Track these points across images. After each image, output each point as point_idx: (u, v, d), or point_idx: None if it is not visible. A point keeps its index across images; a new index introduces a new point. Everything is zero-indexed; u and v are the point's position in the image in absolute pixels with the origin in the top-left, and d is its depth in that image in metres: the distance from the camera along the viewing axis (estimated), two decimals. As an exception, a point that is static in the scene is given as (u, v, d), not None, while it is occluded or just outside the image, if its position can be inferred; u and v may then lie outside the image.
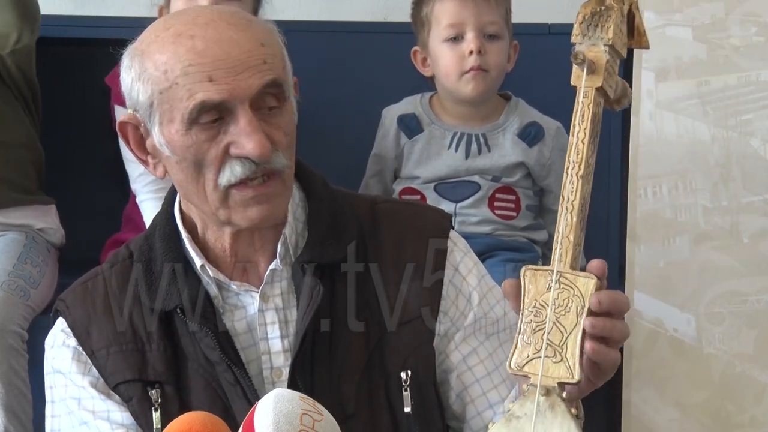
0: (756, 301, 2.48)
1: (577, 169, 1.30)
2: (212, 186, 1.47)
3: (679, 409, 2.49)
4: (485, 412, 1.57)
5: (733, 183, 2.49)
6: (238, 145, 1.45)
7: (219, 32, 1.44)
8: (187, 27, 1.45)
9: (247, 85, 1.44)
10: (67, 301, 1.57)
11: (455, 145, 2.53)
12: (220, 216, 1.49)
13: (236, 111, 1.44)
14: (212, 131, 1.45)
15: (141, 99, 1.47)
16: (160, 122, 1.47)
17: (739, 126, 2.50)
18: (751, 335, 2.48)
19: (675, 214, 2.50)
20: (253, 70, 1.44)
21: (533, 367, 1.28)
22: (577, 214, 1.29)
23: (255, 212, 1.48)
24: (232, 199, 1.48)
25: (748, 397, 2.48)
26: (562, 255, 1.29)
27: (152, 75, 1.45)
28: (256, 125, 1.44)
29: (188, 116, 1.44)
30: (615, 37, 1.30)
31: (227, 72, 1.43)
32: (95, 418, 1.52)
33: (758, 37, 2.48)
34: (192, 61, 1.43)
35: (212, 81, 1.43)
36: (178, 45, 1.44)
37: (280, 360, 1.53)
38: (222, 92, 1.43)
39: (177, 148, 1.47)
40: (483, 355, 1.58)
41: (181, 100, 1.44)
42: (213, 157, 1.46)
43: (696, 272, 2.48)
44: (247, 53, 1.44)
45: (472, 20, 2.46)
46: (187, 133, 1.45)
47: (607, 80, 1.31)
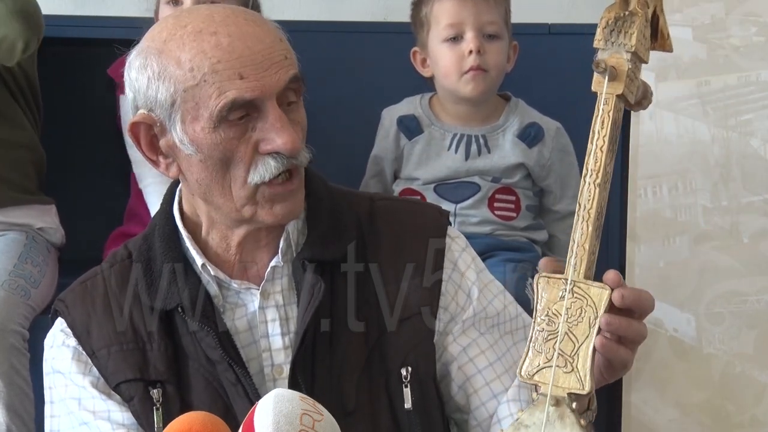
0: (756, 301, 2.48)
1: (594, 177, 1.28)
2: (240, 183, 1.47)
3: (679, 409, 2.49)
4: (489, 403, 1.57)
5: (733, 183, 2.49)
6: (268, 141, 1.45)
7: (240, 28, 1.44)
8: (206, 24, 1.45)
9: (274, 80, 1.44)
10: (67, 301, 1.56)
11: (455, 147, 2.53)
12: (245, 213, 1.49)
13: (264, 107, 1.44)
14: (240, 128, 1.45)
15: (160, 97, 1.46)
16: (183, 120, 1.46)
17: (739, 126, 2.50)
18: (751, 335, 2.49)
19: (675, 214, 2.50)
20: (278, 65, 1.44)
21: (544, 376, 1.27)
22: (593, 222, 1.28)
23: (280, 209, 1.49)
24: (260, 196, 1.48)
25: (748, 397, 2.48)
26: (577, 264, 1.28)
27: (175, 73, 1.44)
28: (286, 120, 1.45)
29: (217, 114, 1.43)
30: (638, 43, 1.28)
31: (255, 68, 1.43)
32: (96, 418, 1.51)
33: (758, 37, 2.49)
34: (220, 58, 1.42)
35: (243, 78, 1.42)
36: (202, 42, 1.43)
37: (280, 357, 1.53)
38: (254, 90, 1.43)
39: (203, 146, 1.46)
40: (484, 346, 1.58)
41: (210, 98, 1.43)
42: (242, 154, 1.46)
43: (696, 272, 2.49)
44: (270, 48, 1.44)
45: (472, 20, 2.46)
46: (214, 131, 1.45)
47: (629, 86, 1.29)
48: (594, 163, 1.28)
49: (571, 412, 1.26)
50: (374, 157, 2.62)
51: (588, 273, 1.29)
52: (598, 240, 1.30)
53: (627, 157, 2.59)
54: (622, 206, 2.63)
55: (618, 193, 2.68)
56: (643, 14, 1.28)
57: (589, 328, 1.27)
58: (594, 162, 1.28)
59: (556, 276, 1.29)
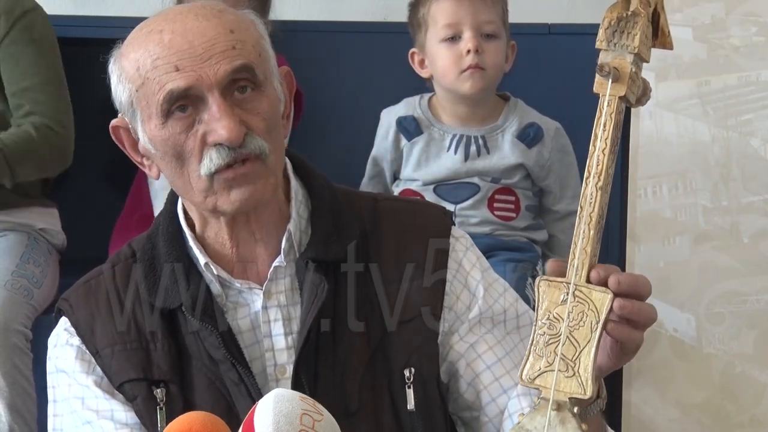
0: (756, 301, 2.48)
1: (596, 180, 1.27)
2: (196, 176, 1.47)
3: (679, 409, 2.49)
4: (500, 398, 1.56)
5: (733, 183, 2.50)
6: (212, 132, 1.45)
7: (185, 24, 1.45)
8: (157, 23, 1.47)
9: (213, 71, 1.44)
10: (70, 300, 1.56)
11: (454, 147, 2.53)
12: (208, 204, 1.49)
13: (207, 98, 1.45)
14: (187, 121, 1.46)
15: (123, 100, 1.49)
16: (142, 120, 1.48)
17: (739, 126, 2.51)
18: (751, 335, 2.49)
19: (675, 214, 2.50)
20: (220, 56, 1.44)
21: (545, 380, 1.27)
22: (595, 226, 1.27)
23: (236, 194, 1.48)
24: (216, 185, 1.47)
25: (748, 397, 2.48)
26: (578, 267, 1.27)
27: (129, 74, 1.47)
28: (226, 109, 1.44)
29: (161, 108, 1.45)
30: (641, 44, 1.27)
31: (193, 60, 1.44)
32: (99, 418, 1.51)
33: (758, 37, 2.49)
34: (159, 54, 1.44)
35: (178, 70, 1.43)
36: (148, 41, 1.46)
37: (283, 357, 1.53)
38: (188, 78, 1.43)
39: (158, 143, 1.48)
40: (492, 342, 1.58)
41: (153, 94, 1.45)
42: (191, 147, 1.46)
43: (696, 272, 2.49)
44: (211, 40, 1.45)
45: (469, 19, 2.47)
46: (163, 127, 1.46)
47: (631, 87, 1.28)
48: (596, 166, 1.27)
49: (572, 416, 1.26)
50: (373, 158, 2.62)
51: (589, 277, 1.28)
52: (599, 243, 1.29)
53: (627, 157, 2.59)
54: (622, 206, 2.63)
55: (618, 193, 2.68)
56: (645, 14, 1.27)
57: (591, 332, 1.26)
58: (596, 165, 1.27)
59: (557, 279, 1.29)
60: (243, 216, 1.52)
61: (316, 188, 1.58)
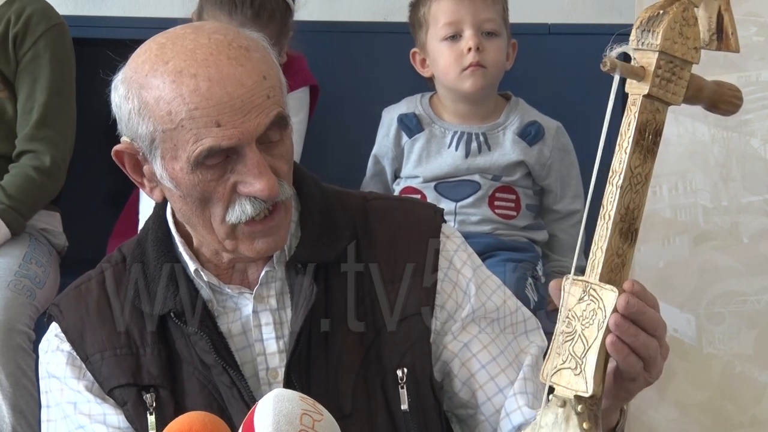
0: (756, 301, 2.48)
1: (616, 178, 1.25)
2: (219, 220, 1.47)
3: (679, 409, 2.49)
4: (495, 397, 1.57)
5: (733, 183, 2.49)
6: (246, 184, 1.44)
7: (220, 69, 1.41)
8: (186, 63, 1.42)
9: (254, 125, 1.42)
10: (61, 305, 1.56)
11: (455, 144, 2.53)
12: (227, 246, 1.49)
13: (243, 151, 1.43)
14: (219, 170, 1.44)
15: (141, 132, 1.45)
16: (162, 157, 1.45)
17: (739, 126, 2.50)
18: (751, 335, 2.49)
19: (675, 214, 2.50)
20: (258, 109, 1.42)
21: (559, 376, 1.26)
22: (615, 224, 1.24)
23: (262, 244, 1.48)
24: (239, 232, 1.47)
25: (748, 397, 2.48)
26: (594, 265, 1.25)
27: (154, 113, 1.43)
28: (265, 165, 1.43)
29: (194, 159, 1.42)
30: (668, 42, 1.23)
31: (233, 115, 1.41)
32: (91, 422, 1.51)
33: (758, 37, 2.48)
34: (198, 105, 1.40)
35: (220, 126, 1.41)
36: (181, 84, 1.41)
37: (275, 361, 1.53)
38: (231, 138, 1.41)
39: (181, 184, 1.45)
40: (486, 341, 1.58)
41: (187, 143, 1.42)
42: (220, 194, 1.45)
43: (696, 272, 2.49)
44: (251, 91, 1.42)
45: (470, 18, 2.47)
46: (192, 173, 1.44)
47: (663, 87, 1.25)
48: (618, 165, 1.25)
49: (575, 414, 1.26)
50: (374, 157, 2.62)
51: (611, 276, 1.26)
52: (626, 243, 1.26)
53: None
54: (622, 206, 2.62)
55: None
56: (676, 13, 1.23)
57: (597, 331, 1.26)
58: (618, 163, 1.25)
59: (579, 278, 1.27)
60: None
61: (306, 191, 1.58)
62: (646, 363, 1.27)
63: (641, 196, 1.26)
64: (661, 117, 1.27)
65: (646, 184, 1.26)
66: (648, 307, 1.26)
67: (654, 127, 1.26)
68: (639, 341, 1.26)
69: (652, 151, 1.27)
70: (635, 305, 1.24)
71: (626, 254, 1.27)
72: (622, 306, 1.24)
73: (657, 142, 1.27)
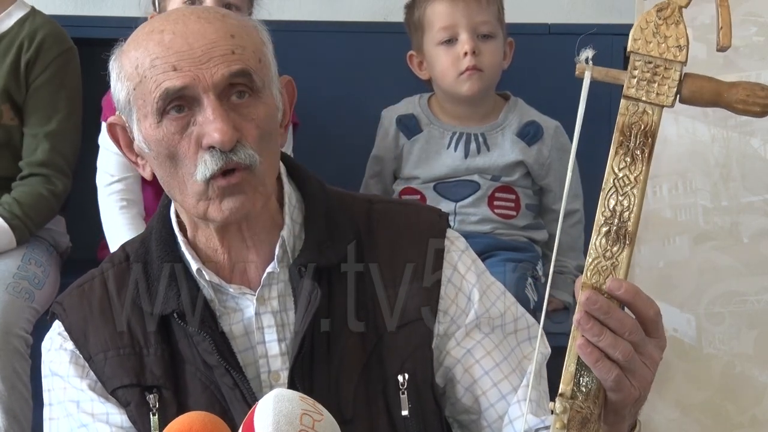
0: (756, 301, 2.48)
1: (604, 183, 1.24)
2: (192, 180, 1.47)
3: (679, 409, 2.49)
4: (498, 404, 1.56)
5: (733, 183, 2.49)
6: (205, 135, 1.44)
7: (187, 25, 1.45)
8: (159, 23, 1.47)
9: (211, 73, 1.44)
10: (64, 304, 1.57)
11: (454, 145, 2.54)
12: (199, 209, 1.48)
13: (202, 100, 1.44)
14: (182, 122, 1.45)
15: (121, 98, 1.49)
16: (138, 119, 1.48)
17: (739, 126, 2.50)
18: (751, 335, 2.48)
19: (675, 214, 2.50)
20: (218, 59, 1.44)
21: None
22: (598, 226, 1.23)
23: (227, 203, 1.47)
24: (211, 191, 1.47)
25: (748, 397, 2.47)
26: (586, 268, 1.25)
27: (128, 72, 1.47)
28: (221, 112, 1.44)
29: (156, 107, 1.44)
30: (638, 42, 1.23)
31: (191, 62, 1.43)
32: (95, 421, 1.51)
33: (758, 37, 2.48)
34: (158, 54, 1.44)
35: (176, 70, 1.43)
36: (149, 40, 1.46)
37: (277, 363, 1.53)
38: (184, 78, 1.43)
39: (152, 142, 1.47)
40: (489, 347, 1.57)
41: (150, 93, 1.44)
42: (185, 149, 1.46)
43: (696, 272, 2.48)
44: (212, 43, 1.44)
45: (465, 21, 2.47)
46: (158, 126, 1.46)
47: (644, 88, 1.23)
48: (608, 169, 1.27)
49: (553, 415, 1.26)
50: (374, 158, 2.62)
51: (597, 279, 1.24)
52: (616, 245, 1.24)
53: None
54: (622, 206, 2.62)
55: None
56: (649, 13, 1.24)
57: (574, 330, 1.26)
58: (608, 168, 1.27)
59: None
60: (234, 224, 1.52)
61: (310, 192, 1.58)
62: (623, 370, 1.23)
63: (632, 198, 1.24)
64: (651, 118, 1.25)
65: (637, 186, 1.24)
66: (616, 308, 1.22)
67: (642, 129, 1.25)
68: (605, 342, 1.22)
69: (642, 152, 1.25)
70: (597, 302, 1.21)
71: (617, 257, 1.25)
72: (582, 302, 1.21)
73: (648, 143, 1.25)
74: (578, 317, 1.22)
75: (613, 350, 1.22)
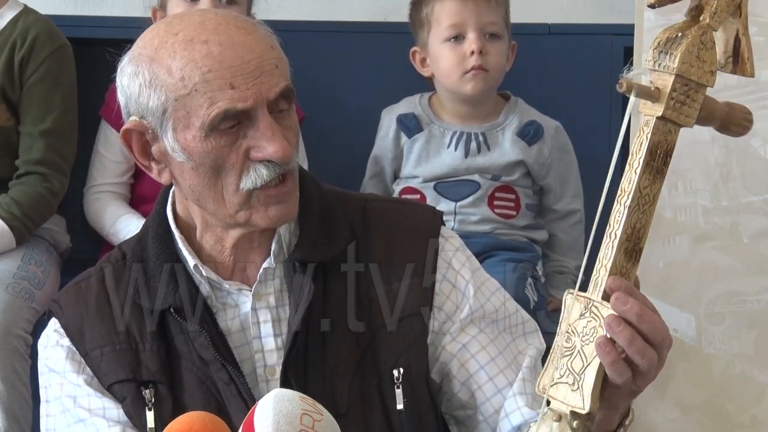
0: (756, 301, 2.48)
1: (625, 198, 1.25)
2: (233, 190, 1.47)
3: (679, 409, 2.49)
4: (494, 398, 1.57)
5: (733, 183, 2.49)
6: (259, 149, 1.45)
7: (230, 36, 1.44)
8: (197, 32, 1.45)
9: (265, 90, 1.44)
10: (61, 301, 1.57)
11: (455, 144, 2.54)
12: (239, 218, 1.49)
13: (255, 115, 1.44)
14: (231, 136, 1.45)
15: (152, 105, 1.46)
16: (174, 128, 1.46)
17: (739, 126, 2.50)
18: (751, 335, 2.48)
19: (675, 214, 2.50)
20: (268, 74, 1.45)
21: (556, 390, 1.27)
22: (621, 244, 1.24)
23: (275, 211, 1.49)
24: (254, 200, 1.48)
25: (748, 397, 2.47)
26: (597, 283, 1.25)
27: (166, 81, 1.45)
28: (277, 129, 1.45)
29: (209, 124, 1.44)
30: (685, 65, 1.23)
31: (246, 77, 1.43)
32: (91, 416, 1.52)
33: (758, 37, 2.48)
34: (211, 68, 1.43)
35: (234, 88, 1.43)
36: (192, 50, 1.44)
37: (273, 358, 1.54)
38: (245, 100, 1.43)
39: (194, 154, 1.46)
40: (484, 342, 1.58)
41: (201, 107, 1.43)
42: (233, 162, 1.46)
43: (696, 272, 2.48)
44: (260, 57, 1.44)
45: (473, 20, 2.47)
46: (205, 139, 1.45)
47: (676, 109, 1.24)
48: (627, 184, 1.25)
49: (570, 430, 1.25)
50: (374, 157, 2.62)
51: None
52: (630, 262, 1.25)
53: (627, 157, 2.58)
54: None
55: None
56: (695, 37, 1.23)
57: None
58: (627, 183, 1.25)
59: (581, 294, 1.27)
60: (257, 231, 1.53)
61: (306, 189, 1.58)
62: (636, 374, 1.25)
63: (648, 216, 1.26)
64: (673, 138, 1.27)
65: (653, 204, 1.26)
66: (649, 311, 1.24)
67: (665, 148, 1.26)
68: (634, 348, 1.23)
69: (661, 171, 1.27)
70: (633, 306, 1.22)
71: (630, 273, 1.26)
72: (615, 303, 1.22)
73: (667, 162, 1.27)
74: (609, 321, 1.22)
75: (640, 357, 1.24)
